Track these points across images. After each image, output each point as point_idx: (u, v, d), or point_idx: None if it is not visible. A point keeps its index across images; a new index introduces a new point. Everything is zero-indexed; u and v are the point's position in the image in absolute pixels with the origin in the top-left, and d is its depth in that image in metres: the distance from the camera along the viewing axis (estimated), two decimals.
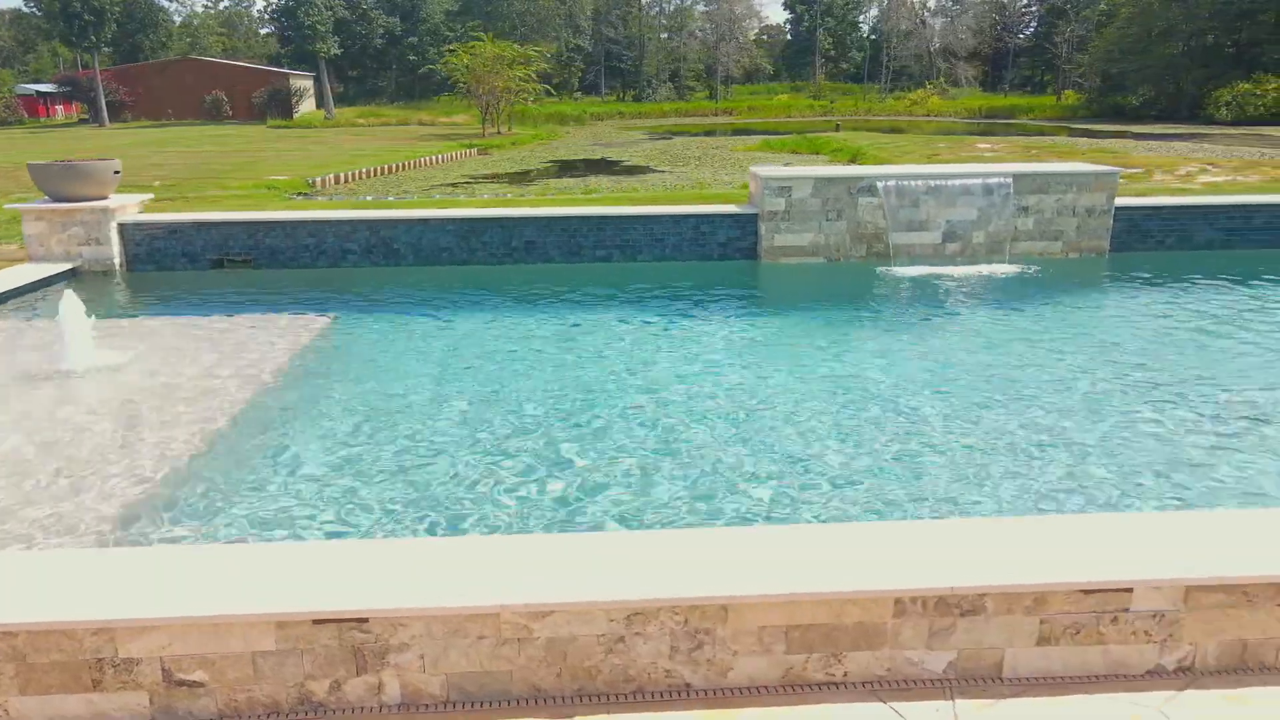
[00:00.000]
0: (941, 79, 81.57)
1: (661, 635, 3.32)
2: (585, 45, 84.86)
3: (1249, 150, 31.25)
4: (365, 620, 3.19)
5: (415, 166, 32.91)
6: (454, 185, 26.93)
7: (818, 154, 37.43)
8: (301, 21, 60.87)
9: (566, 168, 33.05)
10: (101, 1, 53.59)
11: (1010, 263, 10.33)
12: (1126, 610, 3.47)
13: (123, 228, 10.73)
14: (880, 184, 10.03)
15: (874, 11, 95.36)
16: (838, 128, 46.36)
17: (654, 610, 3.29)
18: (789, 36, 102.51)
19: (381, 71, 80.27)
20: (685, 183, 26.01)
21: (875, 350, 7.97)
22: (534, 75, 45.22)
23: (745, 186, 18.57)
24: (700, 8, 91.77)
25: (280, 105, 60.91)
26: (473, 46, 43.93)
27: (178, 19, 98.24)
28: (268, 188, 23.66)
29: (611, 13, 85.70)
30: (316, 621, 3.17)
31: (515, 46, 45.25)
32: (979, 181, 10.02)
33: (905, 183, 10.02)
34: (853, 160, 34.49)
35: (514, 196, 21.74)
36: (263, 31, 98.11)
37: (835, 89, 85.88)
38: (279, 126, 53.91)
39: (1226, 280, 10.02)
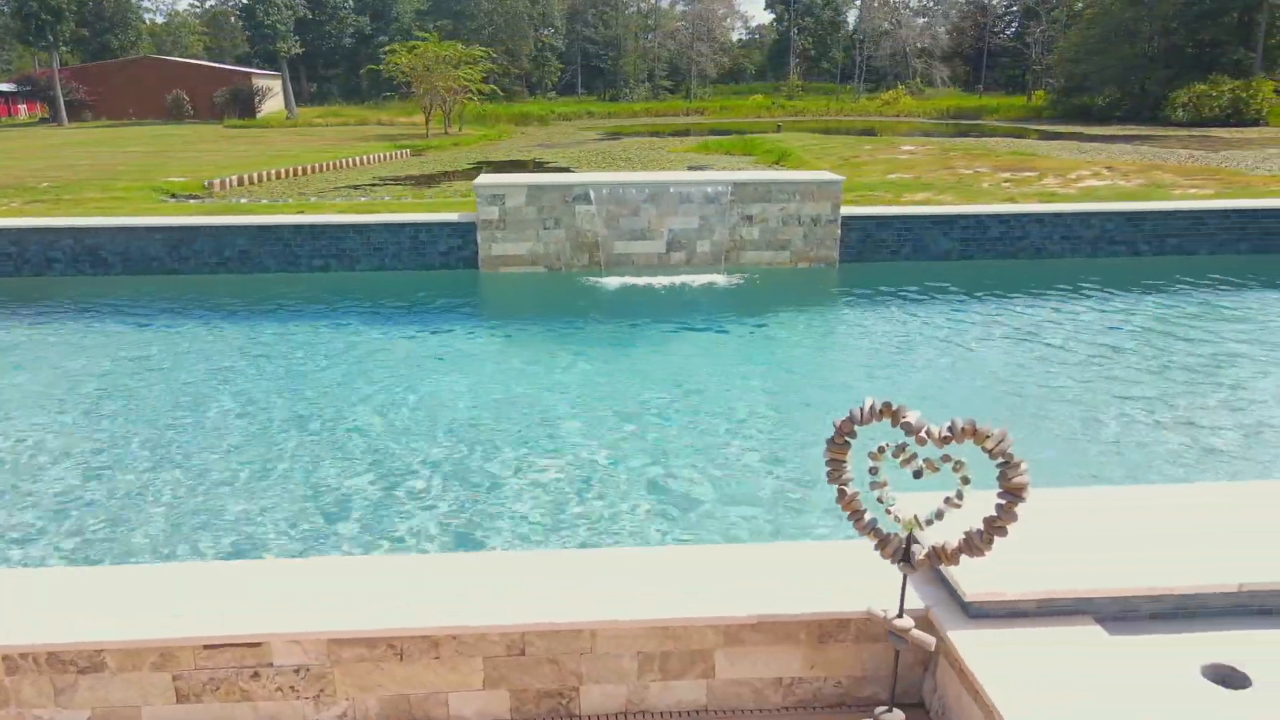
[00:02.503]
0: (917, 79, 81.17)
1: None
2: (559, 45, 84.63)
3: (1183, 153, 30.77)
4: None
5: (336, 168, 32.75)
6: (355, 188, 26.79)
7: (749, 154, 37.10)
8: (261, 21, 60.87)
9: (487, 170, 32.89)
10: (59, 0, 53.65)
11: (731, 273, 10.04)
12: (270, 665, 3.25)
13: None
14: (593, 192, 9.76)
15: (854, 12, 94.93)
16: (778, 128, 46.12)
17: None
18: (776, 36, 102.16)
19: (356, 70, 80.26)
20: None
21: (453, 369, 8.00)
22: (480, 76, 44.90)
23: None
24: (680, 7, 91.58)
25: (243, 105, 60.89)
26: (414, 46, 43.57)
27: (160, 18, 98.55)
28: (153, 189, 23.54)
29: (588, 12, 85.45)
30: None
31: (459, 46, 44.91)
32: (698, 190, 9.74)
33: (621, 190, 9.76)
34: (778, 161, 34.12)
35: (376, 201, 21.56)
36: (249, 32, 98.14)
37: (814, 88, 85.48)
38: (235, 126, 53.89)
39: (919, 297, 9.92)
